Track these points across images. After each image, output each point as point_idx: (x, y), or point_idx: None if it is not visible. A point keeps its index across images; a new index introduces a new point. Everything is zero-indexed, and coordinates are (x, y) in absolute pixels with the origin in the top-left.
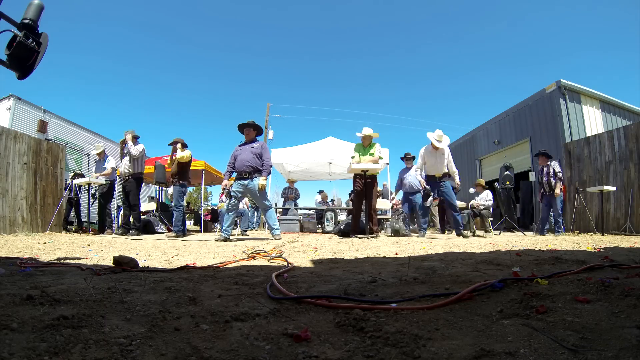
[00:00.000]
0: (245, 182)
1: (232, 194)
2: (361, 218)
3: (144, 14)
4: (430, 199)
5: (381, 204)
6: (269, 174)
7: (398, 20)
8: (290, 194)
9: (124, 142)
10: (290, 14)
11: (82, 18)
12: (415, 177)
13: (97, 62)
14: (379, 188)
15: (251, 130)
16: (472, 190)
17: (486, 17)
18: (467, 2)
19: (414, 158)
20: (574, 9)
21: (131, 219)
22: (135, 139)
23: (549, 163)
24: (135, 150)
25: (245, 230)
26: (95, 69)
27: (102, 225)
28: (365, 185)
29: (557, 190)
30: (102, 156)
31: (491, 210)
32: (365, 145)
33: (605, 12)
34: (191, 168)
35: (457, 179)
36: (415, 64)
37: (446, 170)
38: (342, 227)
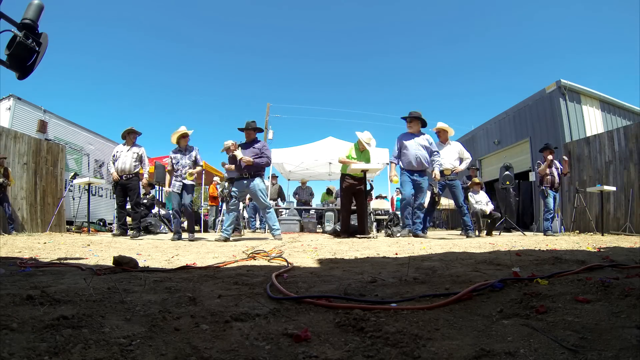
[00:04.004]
0: (246, 182)
1: (232, 193)
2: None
3: (144, 15)
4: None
5: (379, 204)
6: (264, 164)
7: (399, 22)
8: (303, 194)
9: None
10: (291, 15)
11: (82, 18)
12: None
13: (97, 63)
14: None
15: (251, 132)
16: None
17: (487, 19)
18: (468, 4)
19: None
20: (574, 10)
21: (129, 219)
22: (136, 136)
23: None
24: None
25: (240, 230)
26: (95, 69)
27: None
28: (354, 187)
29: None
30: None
31: (492, 206)
32: (361, 150)
33: (605, 14)
34: None
35: (463, 165)
36: (416, 64)
37: (456, 168)
38: (338, 228)
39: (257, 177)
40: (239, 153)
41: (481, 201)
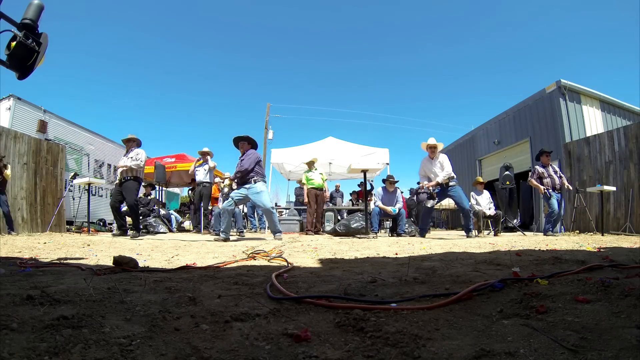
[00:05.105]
0: (247, 185)
1: (230, 194)
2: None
3: (143, 14)
4: (432, 202)
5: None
6: (243, 172)
7: (399, 21)
8: (301, 193)
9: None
10: (291, 14)
11: (81, 18)
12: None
13: (97, 62)
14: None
15: (245, 144)
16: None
17: (487, 18)
18: (468, 4)
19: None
20: (574, 9)
21: (129, 220)
22: (134, 144)
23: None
24: (140, 160)
25: (242, 231)
26: (95, 69)
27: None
28: (317, 195)
29: (567, 185)
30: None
31: (494, 210)
32: (310, 168)
33: (605, 13)
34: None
35: (440, 178)
36: (416, 64)
37: (452, 175)
38: (337, 228)
39: (259, 181)
40: (227, 181)
41: (482, 202)
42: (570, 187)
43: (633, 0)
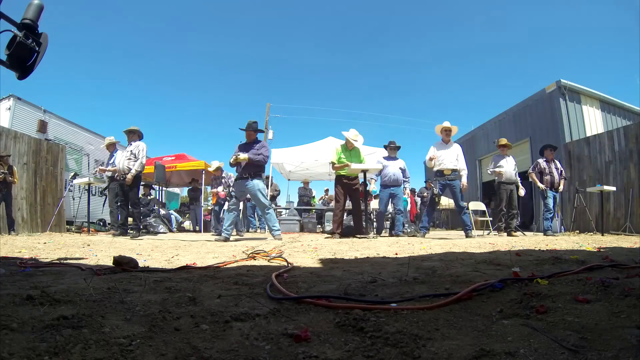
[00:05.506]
0: (245, 182)
1: (232, 193)
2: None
3: (143, 12)
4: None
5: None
6: (259, 160)
7: (399, 20)
8: (305, 193)
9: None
10: (291, 13)
11: (81, 17)
12: (399, 170)
13: (97, 62)
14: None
15: (252, 133)
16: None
17: (487, 16)
18: (469, 3)
19: (399, 148)
20: (574, 8)
21: (130, 219)
22: (134, 136)
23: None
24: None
25: (241, 231)
26: (95, 68)
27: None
28: (349, 187)
29: (562, 187)
30: (112, 150)
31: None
32: (350, 148)
33: (605, 12)
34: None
35: (464, 179)
36: (416, 63)
37: (456, 167)
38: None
39: (257, 178)
40: (242, 155)
41: (508, 167)
42: (561, 189)
43: (633, 1)
